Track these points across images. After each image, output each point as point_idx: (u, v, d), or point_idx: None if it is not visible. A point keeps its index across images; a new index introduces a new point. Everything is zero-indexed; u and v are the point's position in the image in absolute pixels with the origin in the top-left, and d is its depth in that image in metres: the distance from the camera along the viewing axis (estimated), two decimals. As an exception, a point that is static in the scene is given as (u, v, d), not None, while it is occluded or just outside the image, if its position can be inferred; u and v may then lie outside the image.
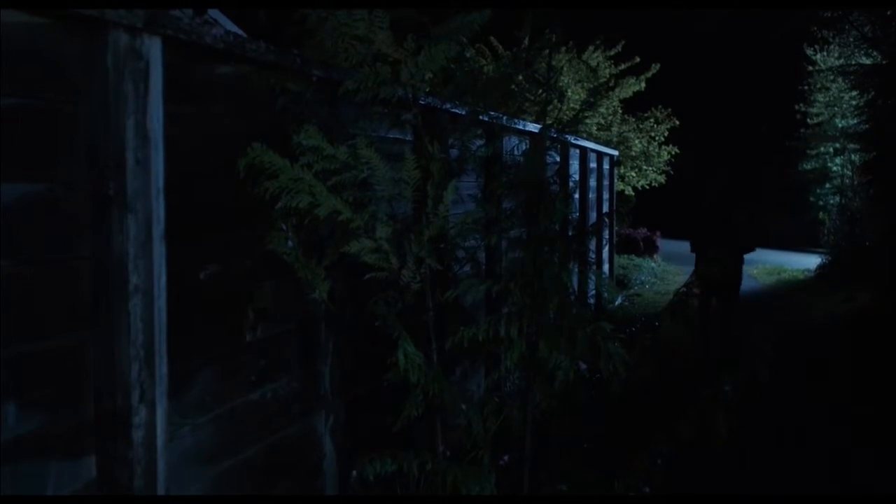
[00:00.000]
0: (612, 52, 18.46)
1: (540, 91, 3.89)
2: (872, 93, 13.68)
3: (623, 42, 18.51)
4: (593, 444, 4.68)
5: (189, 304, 2.83)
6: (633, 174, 19.36)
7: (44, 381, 2.29)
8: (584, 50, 17.88)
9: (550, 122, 3.87)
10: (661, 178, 19.72)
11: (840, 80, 20.08)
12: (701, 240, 8.01)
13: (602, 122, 18.23)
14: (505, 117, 3.89)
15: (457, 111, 4.14)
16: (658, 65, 18.97)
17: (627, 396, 5.03)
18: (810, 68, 21.95)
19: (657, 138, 19.38)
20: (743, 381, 6.08)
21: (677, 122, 19.36)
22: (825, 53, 21.24)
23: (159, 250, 2.56)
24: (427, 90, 3.49)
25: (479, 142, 3.98)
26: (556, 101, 3.89)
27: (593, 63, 17.67)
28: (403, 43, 3.36)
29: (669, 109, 19.54)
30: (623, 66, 18.74)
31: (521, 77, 4.11)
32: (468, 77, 3.89)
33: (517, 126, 3.93)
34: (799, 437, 5.93)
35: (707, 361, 6.89)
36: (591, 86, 4.20)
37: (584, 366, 3.63)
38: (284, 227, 3.26)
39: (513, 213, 3.81)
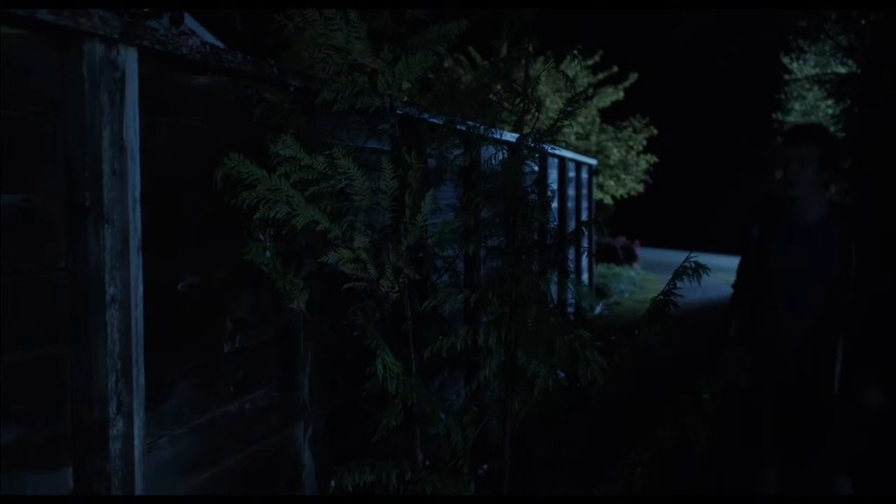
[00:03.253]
0: (590, 62, 18.56)
1: (518, 100, 3.90)
2: (848, 101, 13.79)
3: (601, 52, 18.62)
4: (573, 452, 4.69)
5: (167, 315, 2.83)
6: (612, 183, 19.45)
7: (20, 393, 2.28)
8: (562, 60, 17.96)
9: (528, 131, 3.88)
10: (640, 187, 19.82)
11: (816, 88, 20.23)
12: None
13: (580, 131, 18.32)
14: (483, 127, 3.89)
15: (434, 121, 4.15)
16: (636, 74, 19.09)
17: (607, 404, 5.03)
18: (787, 77, 22.11)
19: (635, 147, 19.48)
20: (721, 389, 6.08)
21: (655, 131, 19.48)
22: (801, 62, 21.41)
23: (136, 261, 2.56)
24: (405, 100, 3.49)
25: (457, 151, 3.98)
26: (534, 110, 3.90)
27: (571, 73, 17.74)
28: (381, 53, 3.36)
29: (647, 118, 19.66)
30: (601, 76, 18.84)
31: (498, 87, 4.12)
32: (446, 87, 3.90)
33: (495, 135, 3.93)
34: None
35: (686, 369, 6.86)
36: (569, 95, 4.22)
37: (562, 374, 3.62)
38: (262, 238, 3.26)
39: (491, 223, 3.81)
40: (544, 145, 3.87)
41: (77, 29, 2.30)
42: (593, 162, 15.13)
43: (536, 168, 4.25)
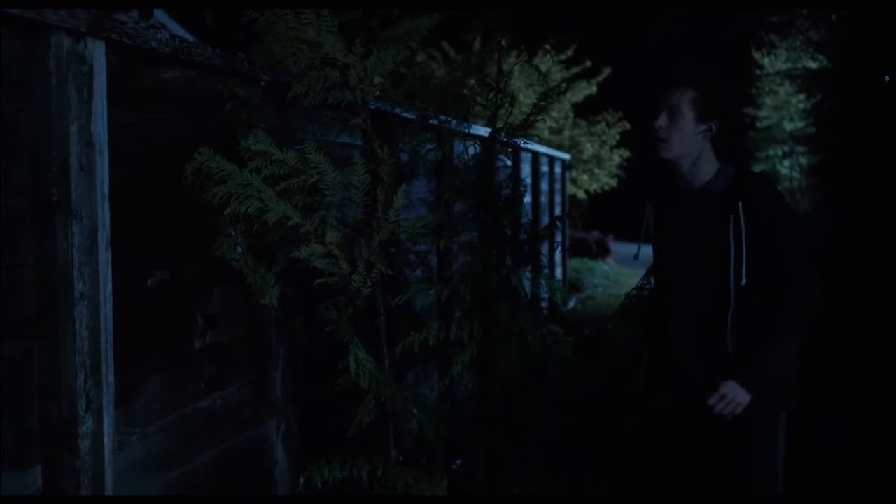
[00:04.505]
0: (563, 57, 18.59)
1: (491, 95, 3.90)
2: (819, 96, 13.88)
3: (574, 47, 18.65)
4: (546, 447, 4.69)
5: (136, 312, 2.80)
6: (586, 178, 19.50)
7: (-14, 391, 2.25)
8: (534, 55, 17.96)
9: (501, 125, 3.88)
10: (613, 182, 19.89)
11: (787, 83, 20.37)
12: None
13: (554, 125, 18.35)
14: (455, 121, 3.88)
15: (407, 115, 4.14)
16: (609, 69, 19.15)
17: (580, 399, 5.05)
18: (758, 72, 22.25)
19: (608, 142, 19.54)
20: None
21: (629, 126, 19.54)
22: (773, 57, 21.55)
23: (105, 257, 2.53)
24: (377, 94, 3.47)
25: (430, 146, 3.97)
26: (507, 105, 3.90)
27: (544, 68, 17.73)
28: (352, 47, 3.34)
29: (621, 113, 19.72)
30: (574, 70, 18.87)
31: (472, 81, 4.12)
32: (418, 81, 3.89)
33: (467, 130, 3.93)
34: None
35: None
36: (543, 90, 4.21)
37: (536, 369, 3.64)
38: (233, 233, 3.23)
39: (464, 217, 3.81)
40: (517, 140, 3.87)
41: (43, 22, 2.27)
42: (567, 157, 15.16)
43: (510, 163, 4.26)
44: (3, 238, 2.29)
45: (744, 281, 3.02)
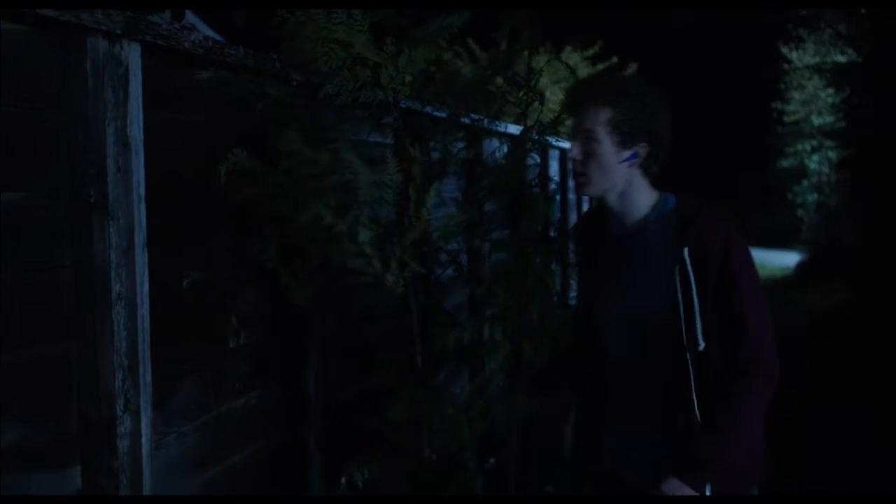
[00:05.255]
0: (589, 53, 18.49)
1: (520, 93, 3.88)
2: (848, 90, 13.79)
3: (600, 43, 18.55)
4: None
5: (172, 312, 2.80)
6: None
7: (26, 392, 2.27)
8: (561, 51, 17.90)
9: (532, 123, 3.87)
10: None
11: (816, 77, 20.24)
12: None
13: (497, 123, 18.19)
14: (486, 119, 3.88)
15: (438, 114, 4.13)
16: (636, 65, 19.03)
17: None
18: (786, 66, 22.08)
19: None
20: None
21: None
22: (801, 52, 21.38)
23: (141, 258, 2.54)
24: (407, 93, 3.47)
25: (461, 144, 3.96)
26: (537, 102, 3.89)
27: (571, 63, 17.66)
28: (384, 46, 3.34)
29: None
30: (600, 67, 18.77)
31: (500, 79, 4.11)
32: (448, 79, 3.88)
33: (498, 128, 3.93)
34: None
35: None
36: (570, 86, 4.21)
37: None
38: (266, 233, 3.24)
39: (495, 216, 3.80)
40: (548, 138, 3.86)
41: (80, 24, 2.28)
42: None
43: (539, 160, 4.24)
44: (42, 239, 2.30)
45: (701, 346, 2.44)
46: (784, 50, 21.74)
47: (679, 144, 2.81)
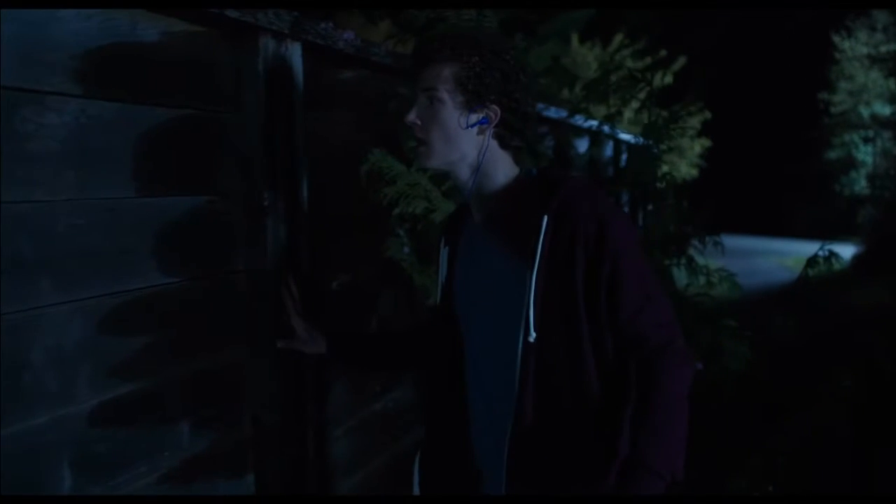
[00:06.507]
0: (638, 46, 18.37)
1: (640, 86, 3.83)
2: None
3: (647, 37, 18.43)
4: (708, 444, 4.59)
5: (326, 315, 2.77)
6: (666, 168, 19.22)
7: (209, 399, 2.24)
8: (608, 44, 17.80)
9: (651, 121, 3.82)
10: (695, 172, 19.61)
11: (868, 67, 20.01)
12: None
13: (631, 116, 18.14)
14: (607, 126, 3.83)
15: (555, 115, 4.07)
16: (684, 57, 18.89)
17: (738, 395, 4.93)
18: (837, 55, 21.84)
19: (689, 131, 19.26)
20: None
21: (709, 115, 19.26)
22: (853, 40, 21.14)
23: (306, 261, 2.51)
24: (540, 86, 3.42)
25: (583, 142, 3.92)
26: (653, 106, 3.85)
27: (619, 58, 17.58)
28: (513, 42, 3.30)
29: (702, 102, 19.43)
30: (649, 60, 18.64)
31: (613, 77, 4.06)
32: (568, 75, 3.84)
33: (615, 133, 3.88)
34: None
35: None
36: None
37: (700, 366, 3.54)
38: (401, 234, 3.20)
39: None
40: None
41: (255, 24, 2.24)
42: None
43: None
44: (218, 245, 2.28)
45: (532, 336, 1.96)
46: (836, 39, 21.49)
47: (725, 138, 2.64)
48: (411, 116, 2.12)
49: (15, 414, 1.65)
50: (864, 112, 21.81)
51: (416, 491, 2.36)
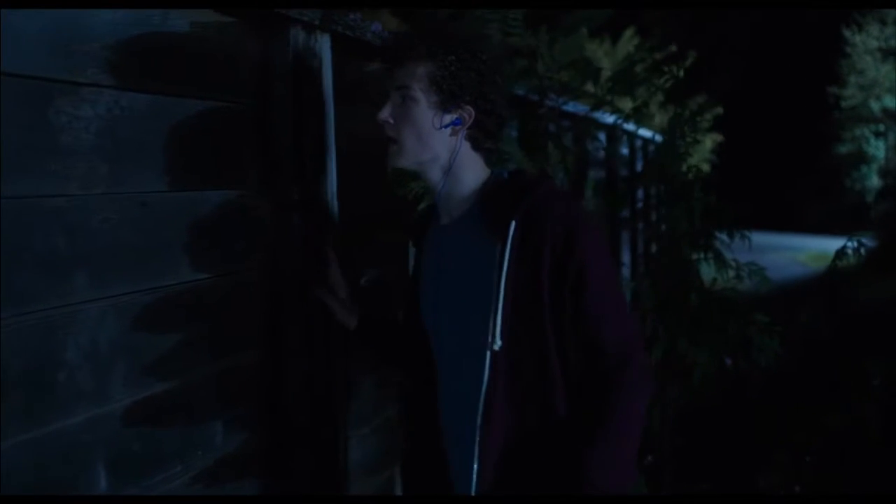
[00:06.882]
0: (653, 43, 18.31)
1: (664, 78, 3.80)
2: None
3: (660, 34, 18.38)
4: (735, 441, 4.57)
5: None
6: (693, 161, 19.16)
7: (239, 398, 2.21)
8: (618, 39, 17.75)
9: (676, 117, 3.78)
10: (706, 167, 19.55)
11: (879, 61, 19.92)
12: None
13: (644, 111, 18.07)
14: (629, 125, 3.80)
15: (577, 110, 4.04)
16: (694, 53, 18.82)
17: (768, 390, 4.90)
18: (847, 49, 21.75)
19: (700, 127, 19.17)
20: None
21: (721, 110, 19.18)
22: (865, 35, 21.04)
23: (333, 258, 2.47)
24: (557, 88, 3.39)
25: (601, 136, 3.88)
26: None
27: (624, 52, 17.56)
28: (538, 33, 3.27)
29: (709, 97, 19.36)
30: (658, 55, 18.58)
31: (637, 70, 4.03)
32: (592, 69, 3.79)
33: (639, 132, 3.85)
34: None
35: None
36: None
37: (728, 361, 3.51)
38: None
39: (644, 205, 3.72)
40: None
41: (285, 15, 2.21)
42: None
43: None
44: (249, 240, 2.24)
45: (497, 344, 1.93)
46: (847, 33, 21.40)
47: (735, 133, 2.65)
48: (383, 114, 2.08)
49: (53, 413, 1.62)
50: (875, 106, 21.73)
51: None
